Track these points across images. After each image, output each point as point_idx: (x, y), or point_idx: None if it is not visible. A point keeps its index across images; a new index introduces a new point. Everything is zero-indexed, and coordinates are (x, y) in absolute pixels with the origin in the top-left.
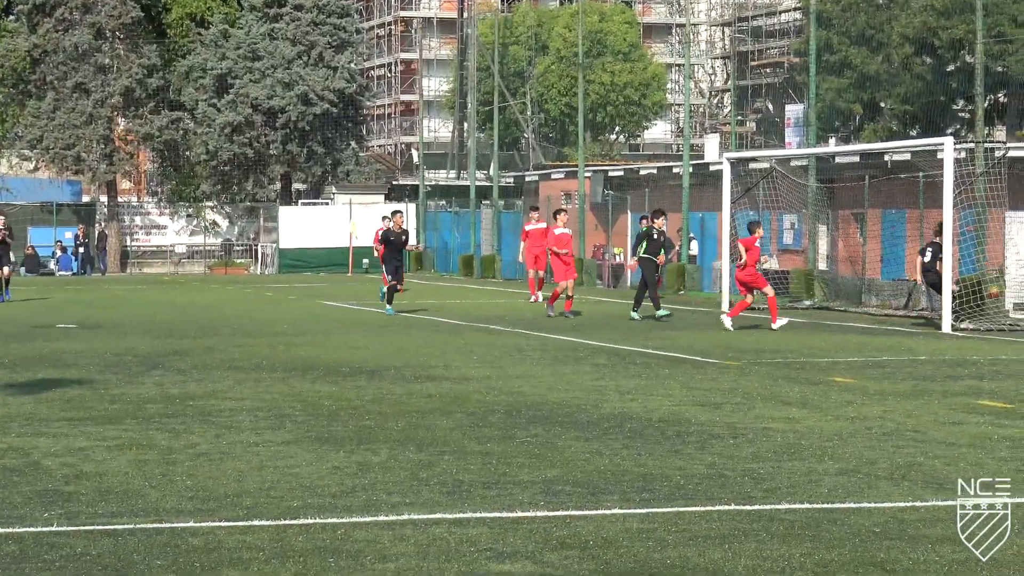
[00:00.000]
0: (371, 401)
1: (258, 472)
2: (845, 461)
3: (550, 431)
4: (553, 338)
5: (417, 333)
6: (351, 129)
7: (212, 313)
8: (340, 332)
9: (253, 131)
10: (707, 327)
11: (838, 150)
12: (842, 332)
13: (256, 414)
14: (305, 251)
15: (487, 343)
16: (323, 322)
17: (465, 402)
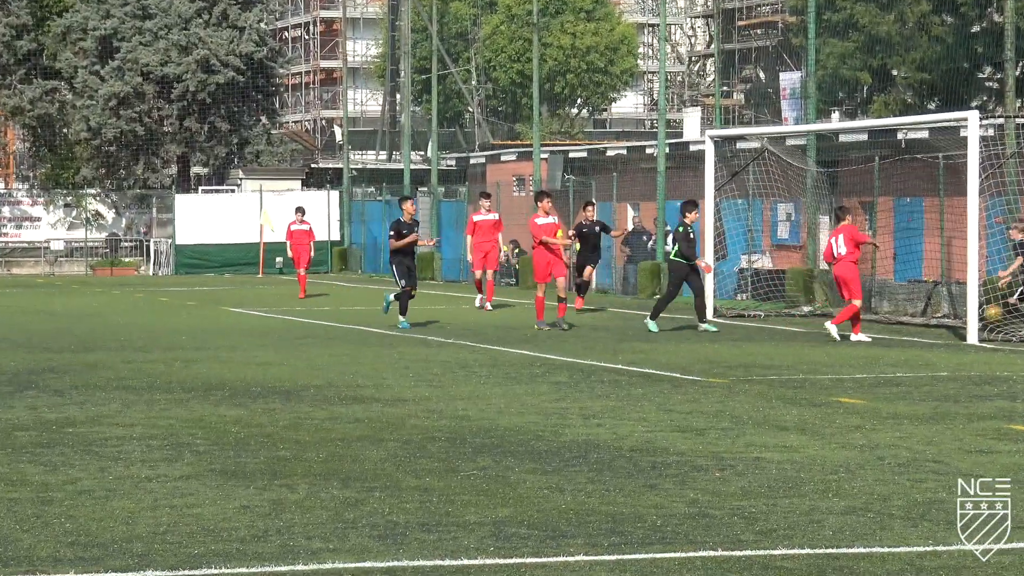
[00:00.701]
0: (287, 427)
1: (151, 513)
2: (853, 498)
3: (501, 462)
4: (504, 351)
5: (341, 346)
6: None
7: (95, 322)
8: (249, 345)
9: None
10: (687, 338)
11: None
12: (848, 344)
13: (149, 443)
14: (207, 248)
15: (425, 357)
16: (229, 333)
17: (399, 428)
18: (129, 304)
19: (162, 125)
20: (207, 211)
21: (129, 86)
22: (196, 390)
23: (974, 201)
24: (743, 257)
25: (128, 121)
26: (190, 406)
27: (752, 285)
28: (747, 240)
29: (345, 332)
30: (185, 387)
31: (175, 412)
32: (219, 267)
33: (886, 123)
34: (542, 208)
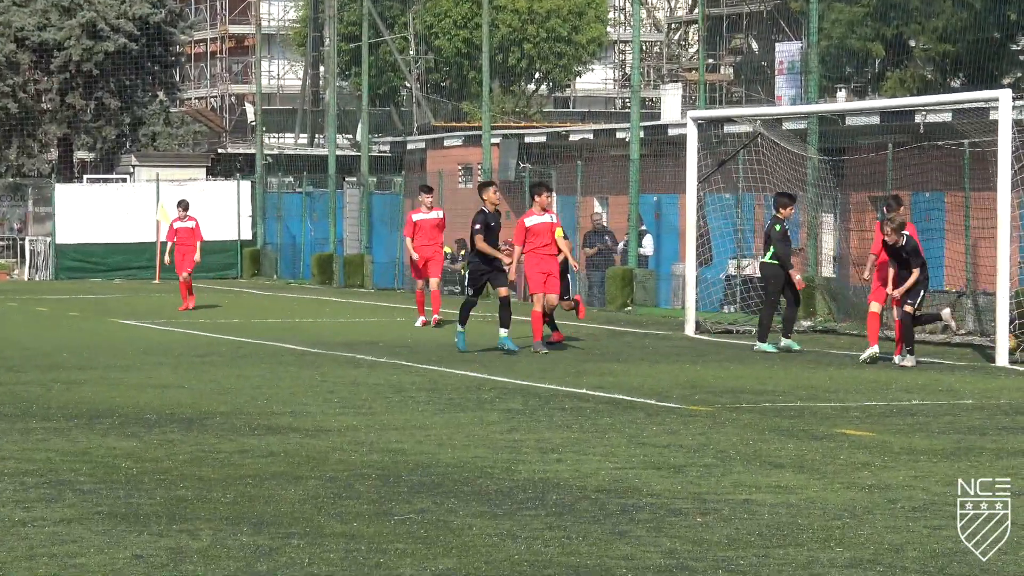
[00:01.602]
0: (188, 462)
1: (26, 563)
2: (859, 548)
3: (442, 504)
4: (446, 373)
5: (253, 366)
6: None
7: None
8: (144, 364)
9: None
10: (665, 356)
11: (850, 107)
12: (855, 365)
13: (23, 480)
14: (93, 248)
15: (353, 380)
16: (120, 350)
17: (322, 464)
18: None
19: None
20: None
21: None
22: (80, 417)
23: (1005, 197)
24: (731, 262)
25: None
26: (73, 436)
27: (741, 295)
28: (735, 242)
29: (257, 349)
30: (67, 414)
31: (55, 444)
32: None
33: (902, 103)
34: (539, 204)
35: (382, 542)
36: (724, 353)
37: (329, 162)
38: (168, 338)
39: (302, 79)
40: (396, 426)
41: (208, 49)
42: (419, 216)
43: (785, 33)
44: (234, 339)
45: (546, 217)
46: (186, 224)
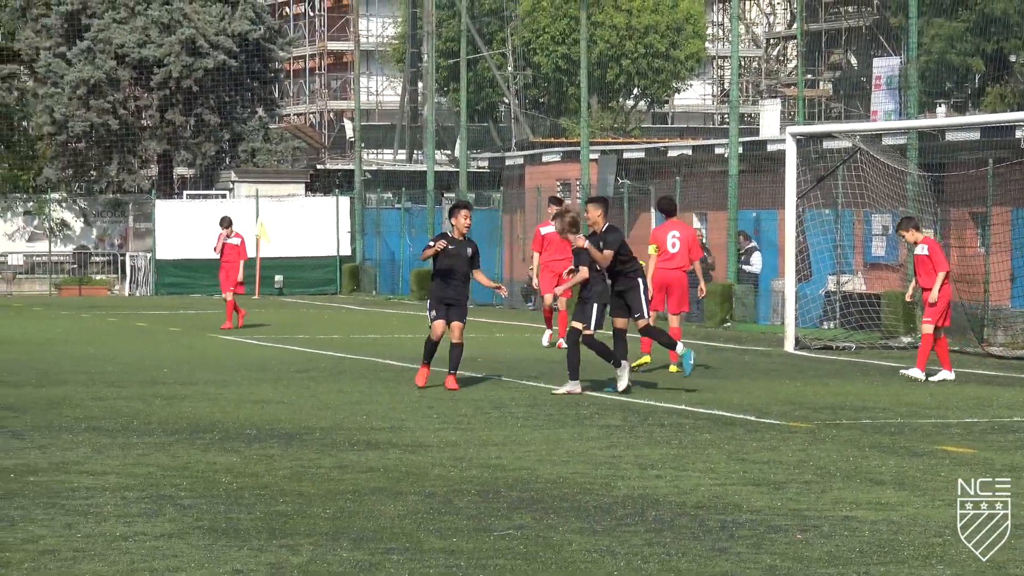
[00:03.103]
0: (288, 477)
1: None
2: (961, 565)
3: (542, 520)
4: (546, 388)
5: (353, 382)
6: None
7: (61, 352)
8: (244, 380)
9: (118, 93)
10: (764, 372)
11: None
12: (955, 382)
13: (124, 495)
14: (193, 264)
15: (452, 395)
16: (220, 366)
17: (421, 479)
18: (101, 330)
19: (140, 118)
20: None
21: (101, 71)
22: (181, 432)
23: None
24: (830, 278)
25: (100, 113)
26: (173, 451)
27: (841, 311)
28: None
29: (357, 364)
30: (167, 429)
31: (155, 458)
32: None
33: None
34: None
35: (482, 558)
36: (824, 369)
37: (428, 178)
38: (268, 354)
39: (400, 95)
40: (496, 442)
41: (307, 65)
42: (547, 229)
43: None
44: (333, 355)
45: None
46: (232, 241)
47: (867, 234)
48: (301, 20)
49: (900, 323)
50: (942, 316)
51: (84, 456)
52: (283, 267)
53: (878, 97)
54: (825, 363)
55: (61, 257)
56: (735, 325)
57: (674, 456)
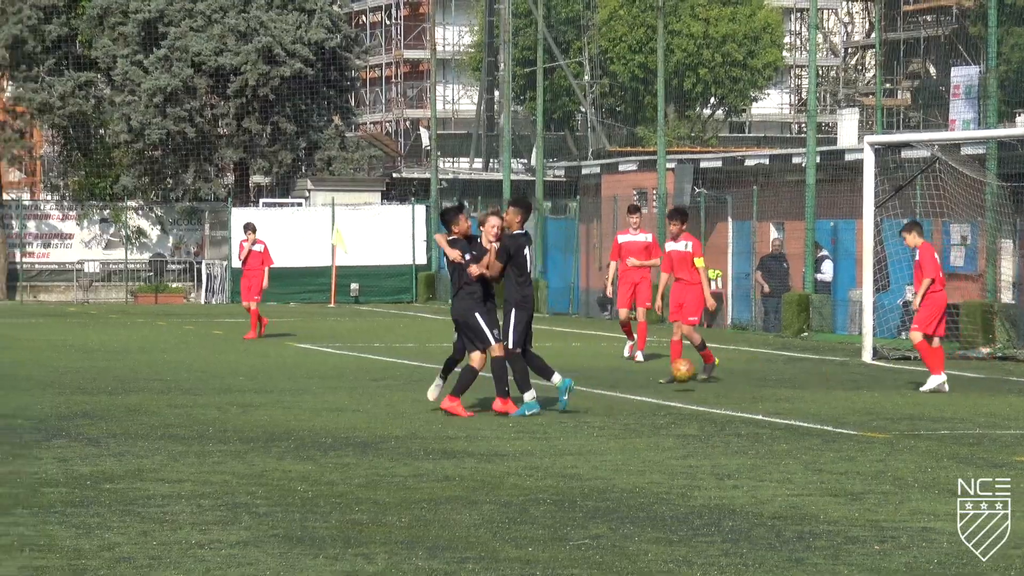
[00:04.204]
0: (363, 486)
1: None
2: None
3: (618, 530)
4: (621, 398)
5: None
6: (334, 99)
7: (137, 359)
8: (320, 388)
9: (195, 101)
10: (841, 382)
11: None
12: None
13: (200, 503)
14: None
15: None
16: (295, 374)
17: (497, 488)
18: (177, 338)
19: (216, 126)
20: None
21: (177, 79)
22: (256, 440)
23: None
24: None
25: (176, 121)
26: (249, 459)
27: None
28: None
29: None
30: (243, 437)
31: (231, 466)
32: (284, 294)
33: None
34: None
35: (557, 567)
36: (901, 379)
37: (504, 186)
38: (343, 362)
39: (477, 104)
40: (571, 451)
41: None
42: (625, 238)
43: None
44: (409, 363)
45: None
46: (256, 248)
47: (945, 244)
48: (377, 29)
49: (979, 333)
50: (933, 324)
51: (160, 464)
52: (359, 275)
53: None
54: (903, 373)
55: (137, 265)
56: (812, 335)
57: (751, 466)
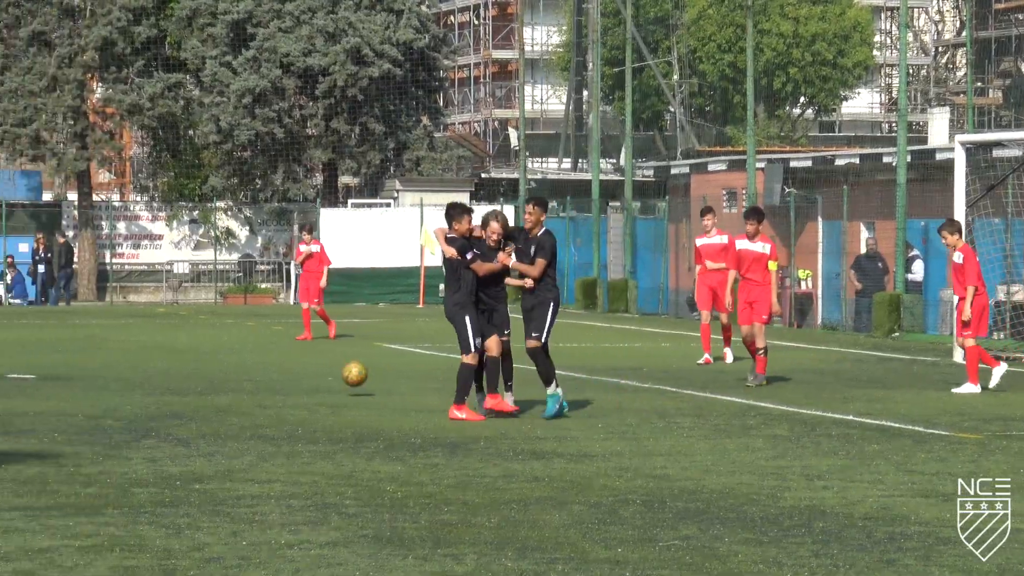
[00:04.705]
0: (453, 486)
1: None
2: None
3: (708, 531)
4: (711, 399)
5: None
6: (422, 99)
7: (226, 360)
8: (409, 389)
9: (283, 102)
10: (932, 383)
11: None
12: None
13: (289, 503)
14: (357, 272)
15: (617, 405)
16: (384, 374)
17: (586, 489)
18: (266, 338)
19: (305, 126)
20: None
21: (266, 80)
22: (345, 441)
23: None
24: (1000, 288)
25: (265, 122)
26: (338, 460)
27: (1012, 321)
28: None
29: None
30: (332, 437)
31: (320, 467)
32: (372, 295)
33: None
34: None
35: (647, 568)
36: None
37: (593, 187)
38: (433, 363)
39: (565, 103)
40: (661, 452)
41: (472, 74)
42: (702, 241)
43: None
44: None
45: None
46: (311, 248)
47: None
48: (466, 29)
49: None
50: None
51: (249, 464)
52: None
53: None
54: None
55: (226, 265)
56: (903, 335)
57: (841, 467)
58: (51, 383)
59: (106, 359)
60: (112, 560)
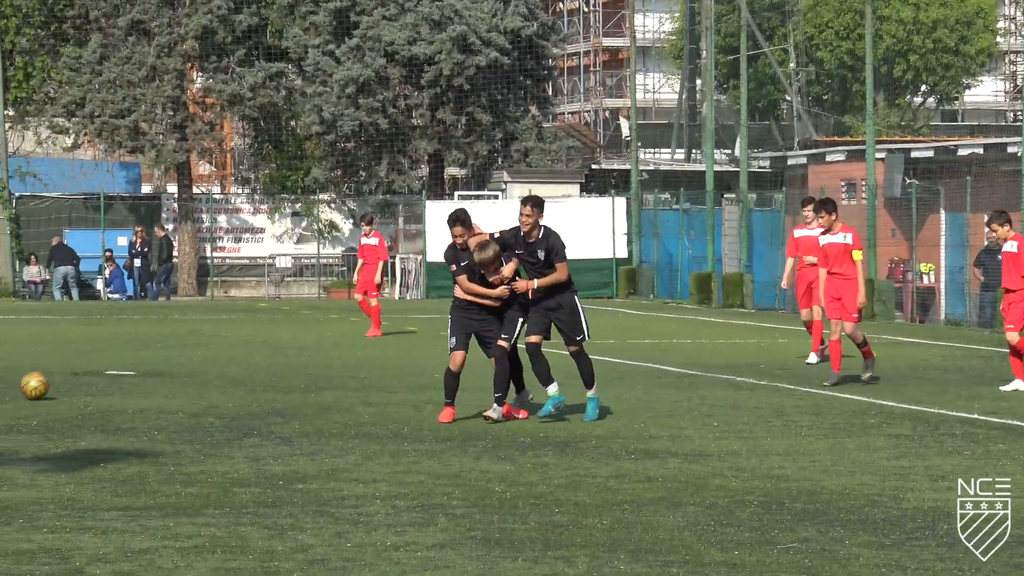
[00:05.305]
0: (563, 487)
1: None
2: None
3: (827, 533)
4: (830, 396)
5: (628, 388)
6: (530, 89)
7: (330, 356)
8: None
9: (388, 91)
10: None
11: None
12: None
13: (395, 503)
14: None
15: (733, 403)
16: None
17: (701, 489)
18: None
19: (410, 117)
20: None
21: (370, 69)
22: (452, 440)
23: None
24: None
25: (369, 112)
26: (445, 459)
27: None
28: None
29: (633, 371)
30: (439, 436)
31: (427, 466)
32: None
33: None
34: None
35: (765, 571)
36: None
37: (707, 178)
38: None
39: (678, 92)
40: (778, 451)
41: (581, 63)
42: (801, 233)
43: None
44: (610, 360)
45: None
46: (370, 241)
47: None
48: (575, 16)
49: None
50: None
51: (354, 463)
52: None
53: None
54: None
55: (330, 259)
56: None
57: (966, 467)
58: (151, 379)
59: (207, 355)
60: (213, 562)
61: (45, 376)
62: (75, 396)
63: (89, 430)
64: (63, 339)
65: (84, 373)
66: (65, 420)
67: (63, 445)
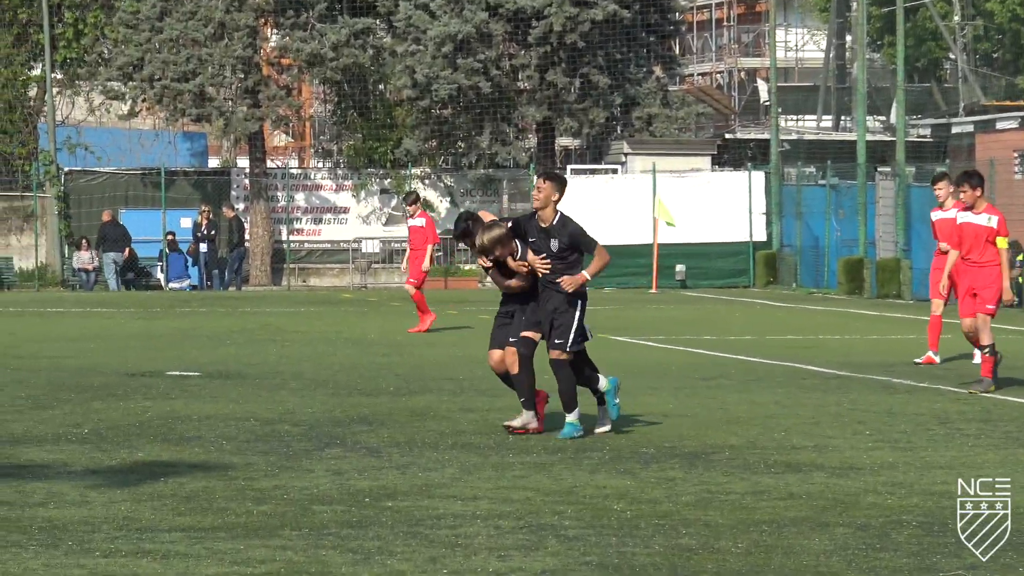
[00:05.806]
0: (691, 505)
1: None
2: None
3: (998, 559)
4: (1001, 401)
5: (768, 391)
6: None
7: (423, 355)
8: (639, 389)
9: (491, 51)
10: None
11: None
12: None
13: (498, 523)
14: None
15: (888, 408)
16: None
17: (851, 508)
18: (469, 329)
19: (516, 79)
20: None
21: (470, 25)
22: (564, 451)
23: None
24: None
25: (468, 74)
26: (556, 473)
27: None
28: None
29: (773, 371)
30: (548, 447)
31: (535, 481)
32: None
33: None
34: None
35: None
36: None
37: (858, 149)
38: (667, 358)
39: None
40: (941, 464)
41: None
42: (937, 215)
43: None
44: (746, 359)
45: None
46: (416, 222)
47: None
48: None
49: None
50: None
51: (451, 478)
52: (685, 255)
53: None
54: None
55: None
56: None
57: None
58: (218, 381)
59: (283, 353)
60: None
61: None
62: (132, 400)
63: (148, 439)
64: (118, 335)
65: (142, 374)
66: (121, 428)
67: (118, 457)
